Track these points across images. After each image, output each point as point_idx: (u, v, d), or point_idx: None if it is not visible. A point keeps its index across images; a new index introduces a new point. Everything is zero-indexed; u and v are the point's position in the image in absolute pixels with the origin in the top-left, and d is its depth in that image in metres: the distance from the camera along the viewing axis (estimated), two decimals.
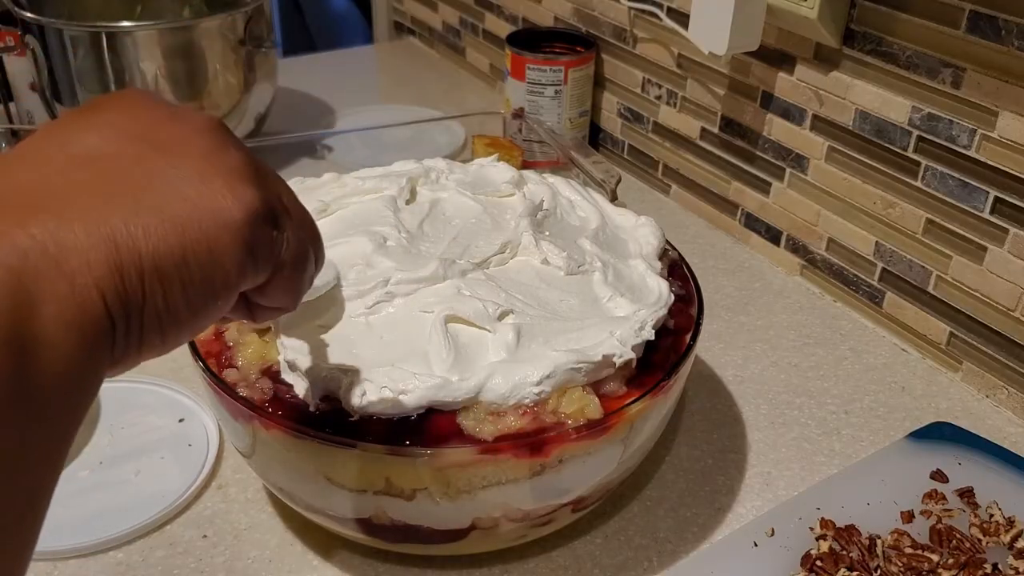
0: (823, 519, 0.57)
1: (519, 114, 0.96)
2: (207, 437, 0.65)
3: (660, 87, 0.95)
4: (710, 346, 0.77)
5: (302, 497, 0.54)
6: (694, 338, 0.56)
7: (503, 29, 1.14)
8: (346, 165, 0.84)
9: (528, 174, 0.68)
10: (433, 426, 0.48)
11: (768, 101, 0.83)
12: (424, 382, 0.48)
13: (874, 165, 0.75)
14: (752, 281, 0.86)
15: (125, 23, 0.91)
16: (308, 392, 0.49)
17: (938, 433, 0.65)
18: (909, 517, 0.58)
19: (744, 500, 0.62)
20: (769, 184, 0.86)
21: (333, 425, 0.48)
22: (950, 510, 0.58)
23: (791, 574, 0.54)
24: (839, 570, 0.53)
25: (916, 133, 0.71)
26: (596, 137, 1.07)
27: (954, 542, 0.56)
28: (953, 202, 0.70)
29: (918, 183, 0.72)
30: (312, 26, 2.07)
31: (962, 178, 0.69)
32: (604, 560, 0.58)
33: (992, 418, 0.70)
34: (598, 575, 0.57)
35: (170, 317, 0.32)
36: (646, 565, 0.57)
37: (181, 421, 0.66)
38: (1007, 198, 0.66)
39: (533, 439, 0.48)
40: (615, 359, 0.50)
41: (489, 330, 0.51)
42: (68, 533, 0.57)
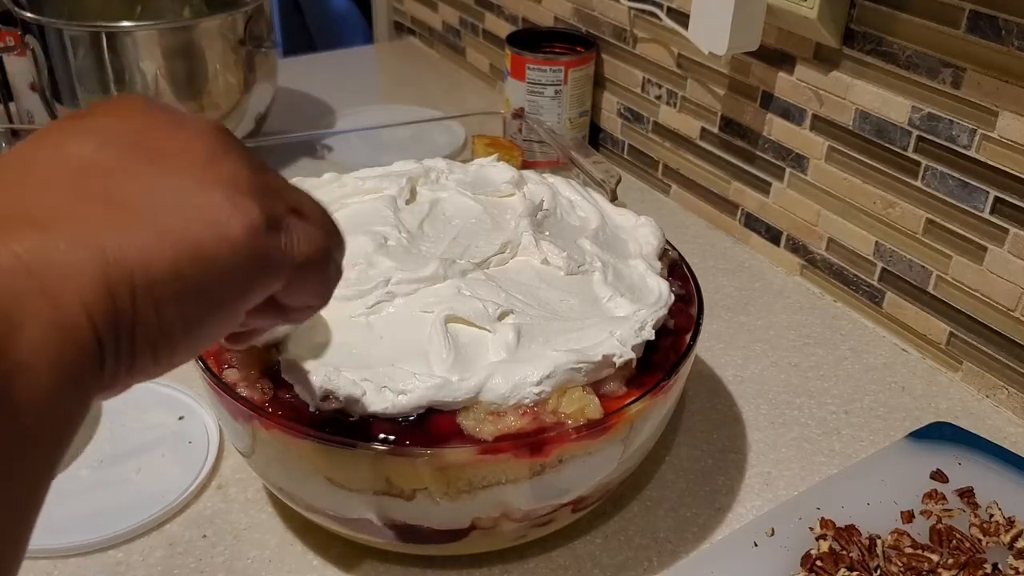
0: (823, 519, 0.57)
1: (519, 114, 0.95)
2: (207, 435, 0.65)
3: (660, 87, 0.95)
4: (710, 346, 0.77)
5: (302, 497, 0.54)
6: (694, 338, 0.56)
7: (503, 29, 1.14)
8: (346, 165, 0.84)
9: (528, 174, 0.68)
10: (433, 426, 0.48)
11: (768, 101, 0.83)
12: (424, 382, 0.48)
13: (874, 165, 0.75)
14: (752, 281, 0.86)
15: (125, 23, 0.91)
16: (308, 392, 0.49)
17: (938, 433, 0.65)
18: (909, 517, 0.58)
19: (744, 500, 0.62)
20: (769, 184, 0.86)
21: (333, 425, 0.48)
22: (950, 510, 0.58)
23: (791, 574, 0.54)
24: (839, 570, 0.53)
25: (916, 133, 0.71)
26: (596, 137, 1.07)
27: (954, 542, 0.56)
28: (953, 202, 0.70)
29: (918, 183, 0.72)
30: (312, 26, 2.07)
31: (962, 178, 0.69)
32: (604, 560, 0.58)
33: (992, 418, 0.70)
34: (598, 575, 0.57)
35: (164, 338, 0.30)
36: (646, 565, 0.57)
37: (181, 419, 0.66)
38: (1007, 198, 0.66)
39: (533, 439, 0.48)
40: (615, 359, 0.50)
41: (489, 330, 0.51)
42: (68, 531, 0.57)
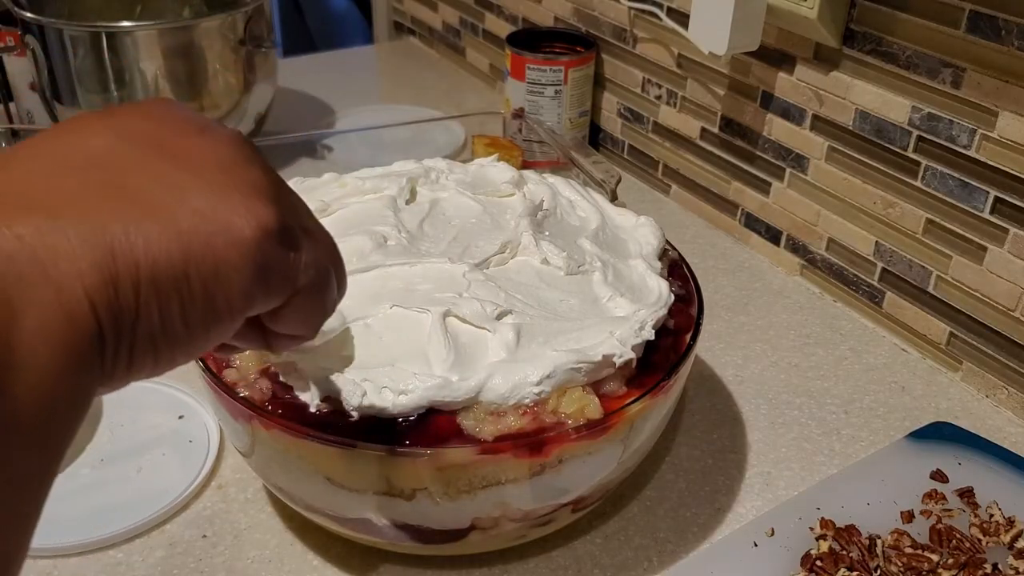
0: (823, 519, 0.57)
1: (519, 114, 0.95)
2: (208, 434, 0.65)
3: (660, 87, 0.95)
4: (710, 346, 0.77)
5: (302, 497, 0.54)
6: (694, 338, 0.56)
7: (503, 29, 1.14)
8: (346, 165, 0.84)
9: (528, 174, 0.68)
10: (433, 426, 0.48)
11: (768, 101, 0.83)
12: (424, 382, 0.48)
13: (874, 165, 0.75)
14: (752, 281, 0.86)
15: (125, 23, 0.91)
16: (308, 392, 0.49)
17: (938, 433, 0.65)
18: (909, 517, 0.58)
19: (744, 500, 0.62)
20: (769, 184, 0.86)
21: (333, 425, 0.48)
22: (950, 510, 0.58)
23: (791, 574, 0.54)
24: (839, 570, 0.53)
25: (916, 133, 0.71)
26: (596, 137, 1.07)
27: (954, 542, 0.56)
28: (953, 202, 0.70)
29: (918, 183, 0.72)
30: (312, 26, 2.07)
31: (962, 178, 0.69)
32: (604, 560, 0.58)
33: (992, 418, 0.70)
34: (598, 575, 0.57)
35: (165, 336, 0.30)
36: (646, 565, 0.57)
37: (181, 418, 0.66)
38: (1007, 198, 0.66)
39: (533, 439, 0.48)
40: (615, 359, 0.50)
41: (489, 330, 0.51)
42: (69, 530, 0.57)
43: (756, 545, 0.56)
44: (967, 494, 0.59)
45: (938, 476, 0.61)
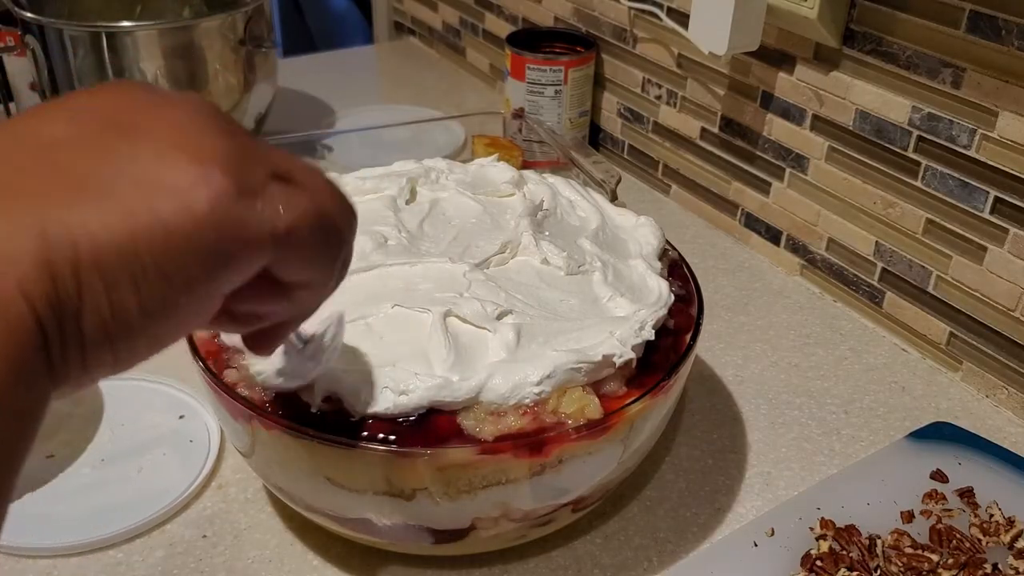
0: (823, 519, 0.57)
1: (519, 114, 0.95)
2: (208, 434, 0.65)
3: (660, 87, 0.95)
4: (710, 346, 0.77)
5: (302, 497, 0.54)
6: (694, 338, 0.56)
7: (503, 29, 1.14)
8: (346, 165, 0.84)
9: (528, 174, 0.68)
10: (433, 426, 0.48)
11: (768, 101, 0.83)
12: (424, 382, 0.48)
13: (874, 165, 0.75)
14: (752, 281, 0.86)
15: (125, 23, 0.91)
16: (308, 392, 0.49)
17: (938, 433, 0.65)
18: (909, 517, 0.58)
19: (744, 500, 0.62)
20: (769, 184, 0.86)
21: (333, 425, 0.48)
22: (950, 510, 0.58)
23: (791, 574, 0.54)
24: (839, 570, 0.53)
25: (916, 133, 0.71)
26: (596, 137, 1.07)
27: (954, 542, 0.56)
28: (953, 202, 0.70)
29: (918, 183, 0.72)
30: (312, 26, 2.07)
31: (962, 178, 0.69)
32: (604, 560, 0.58)
33: (992, 418, 0.70)
34: (598, 575, 0.57)
35: (118, 323, 0.27)
36: (646, 565, 0.57)
37: (181, 418, 0.66)
38: (1007, 198, 0.66)
39: (533, 439, 0.48)
40: (615, 359, 0.50)
41: (489, 330, 0.51)
42: (70, 530, 0.57)
43: (756, 545, 0.56)
44: (967, 494, 0.59)
45: (938, 476, 0.61)
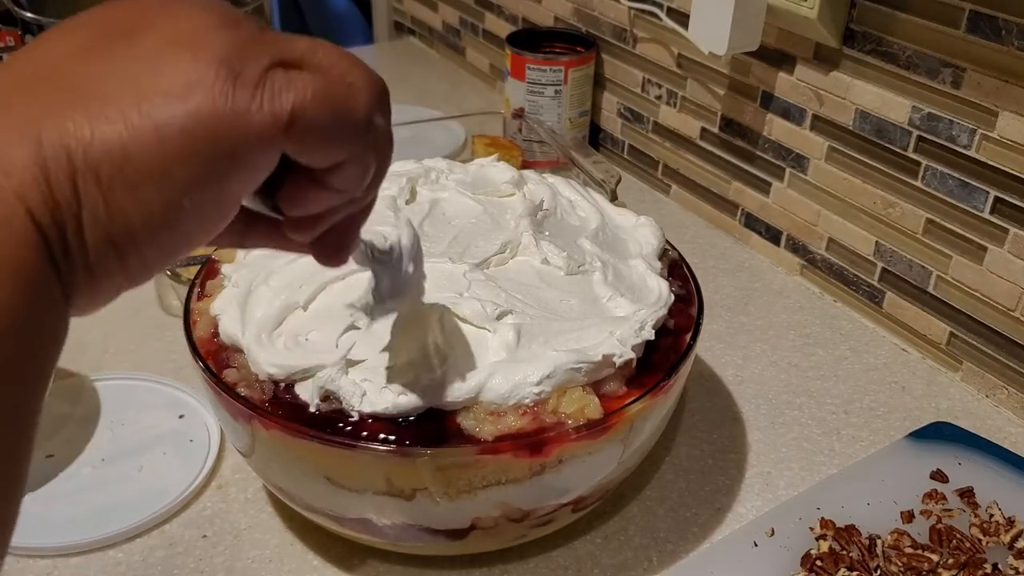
0: (823, 519, 0.57)
1: (519, 114, 0.96)
2: (208, 433, 0.65)
3: (660, 87, 0.95)
4: (710, 346, 0.77)
5: (302, 497, 0.54)
6: (694, 338, 0.56)
7: (503, 29, 1.14)
8: None
9: (528, 174, 0.68)
10: (433, 426, 0.48)
11: (768, 101, 0.83)
12: (424, 382, 0.48)
13: (874, 165, 0.75)
14: (752, 281, 0.86)
15: None
16: (308, 392, 0.49)
17: (938, 433, 0.65)
18: (909, 517, 0.58)
19: (744, 500, 0.62)
20: (769, 184, 0.86)
21: (333, 425, 0.48)
22: (950, 510, 0.58)
23: (791, 574, 0.54)
24: (839, 570, 0.53)
25: (916, 133, 0.71)
26: (596, 137, 1.07)
27: (954, 542, 0.56)
28: (953, 202, 0.70)
29: (918, 183, 0.72)
30: (312, 26, 2.07)
31: (962, 178, 0.69)
32: (604, 560, 0.58)
33: (992, 418, 0.70)
34: (598, 575, 0.57)
35: (119, 229, 0.26)
36: (646, 565, 0.57)
37: (181, 417, 0.66)
38: (1007, 198, 0.66)
39: (533, 439, 0.48)
40: (615, 359, 0.50)
41: (489, 330, 0.51)
42: (70, 529, 0.57)
43: (756, 545, 0.56)
44: (967, 494, 0.59)
45: (938, 476, 0.61)
